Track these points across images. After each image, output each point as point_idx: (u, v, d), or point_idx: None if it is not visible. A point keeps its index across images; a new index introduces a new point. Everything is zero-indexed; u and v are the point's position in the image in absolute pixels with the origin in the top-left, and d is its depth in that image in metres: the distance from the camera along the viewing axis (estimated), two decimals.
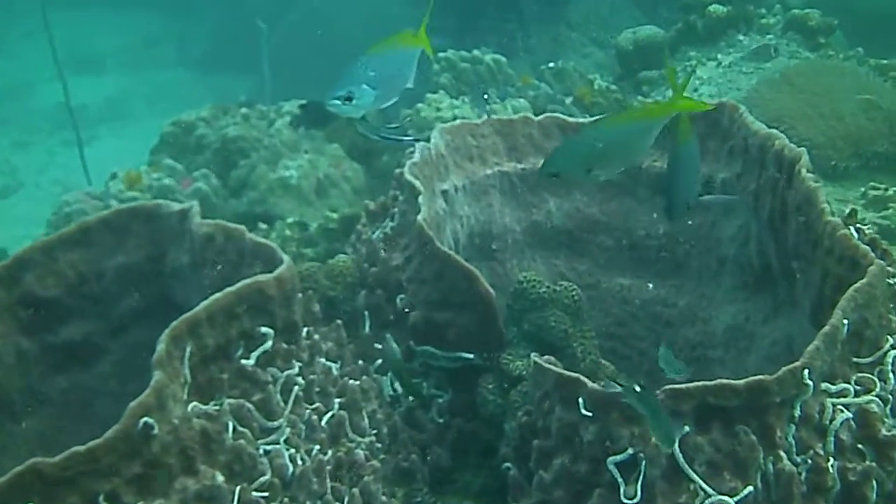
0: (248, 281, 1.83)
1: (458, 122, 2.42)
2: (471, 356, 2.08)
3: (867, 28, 4.78)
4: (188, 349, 1.73)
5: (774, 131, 2.16)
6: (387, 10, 7.78)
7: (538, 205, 2.47)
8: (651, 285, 2.42)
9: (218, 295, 1.80)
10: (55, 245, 2.08)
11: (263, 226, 3.19)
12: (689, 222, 2.34)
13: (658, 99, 4.12)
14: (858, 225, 2.08)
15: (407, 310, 2.12)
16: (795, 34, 4.34)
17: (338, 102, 2.00)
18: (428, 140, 2.35)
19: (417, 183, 2.15)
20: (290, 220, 3.17)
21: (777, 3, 4.68)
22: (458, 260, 2.03)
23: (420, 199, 2.11)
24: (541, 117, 2.48)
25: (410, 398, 2.11)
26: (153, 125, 8.78)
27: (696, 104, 2.10)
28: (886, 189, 3.26)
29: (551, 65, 4.87)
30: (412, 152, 2.29)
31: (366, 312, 2.18)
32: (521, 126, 2.47)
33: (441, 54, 4.47)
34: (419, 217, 2.06)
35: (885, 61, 4.33)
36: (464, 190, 2.37)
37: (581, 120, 2.49)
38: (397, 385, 2.13)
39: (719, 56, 4.24)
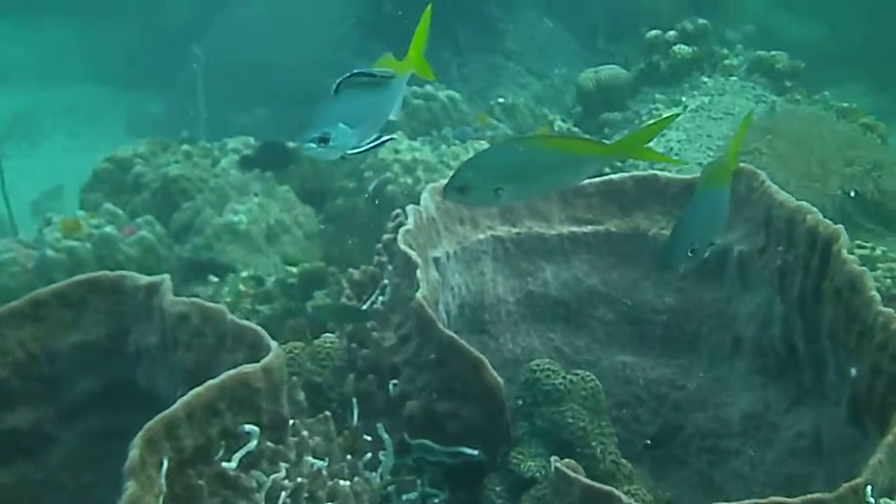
0: (232, 372, 1.61)
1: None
2: (475, 452, 1.88)
3: None
4: (165, 454, 1.51)
5: (805, 204, 1.99)
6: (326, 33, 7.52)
7: (533, 273, 2.28)
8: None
9: (199, 389, 1.58)
10: (2, 320, 1.84)
11: (214, 279, 2.96)
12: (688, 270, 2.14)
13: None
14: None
15: (402, 398, 1.91)
16: (761, 77, 4.22)
17: (313, 146, 1.79)
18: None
19: (414, 255, 1.94)
20: (244, 273, 2.95)
21: (737, 42, 4.57)
22: (464, 345, 1.83)
23: (418, 272, 1.90)
24: None
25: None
26: (64, 144, 8.45)
27: (655, 156, 1.88)
28: (873, 249, 3.13)
29: (500, 100, 4.71)
30: (403, 217, 2.09)
31: (354, 400, 1.97)
32: None
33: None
34: (418, 295, 1.86)
35: (845, 105, 4.24)
36: (455, 257, 2.17)
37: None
38: (388, 478, 1.92)
39: (684, 98, 4.09)
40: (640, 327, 2.27)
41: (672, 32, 4.29)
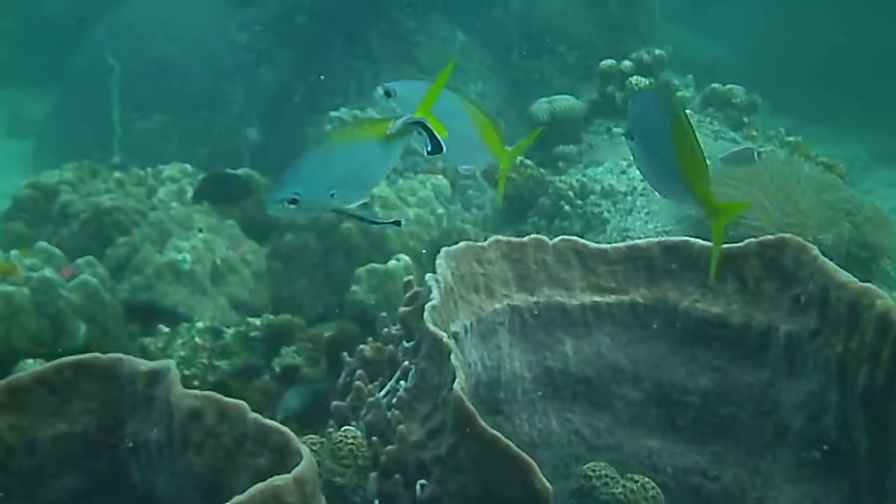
0: (262, 486, 1.36)
1: (462, 244, 1.99)
2: None
3: None
4: None
5: (871, 286, 1.81)
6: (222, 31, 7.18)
7: (552, 347, 2.06)
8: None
9: None
10: None
11: (164, 329, 2.67)
12: None
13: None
14: None
15: (431, 502, 1.67)
16: (717, 111, 4.07)
17: (280, 206, 1.70)
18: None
19: (445, 338, 1.71)
20: (199, 323, 2.66)
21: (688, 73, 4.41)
22: (509, 445, 1.60)
23: (452, 358, 1.67)
24: (556, 241, 2.08)
25: None
26: None
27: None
28: None
29: None
30: (422, 289, 1.86)
31: (376, 502, 1.72)
32: (534, 250, 2.06)
33: (333, 113, 4.01)
34: (456, 387, 1.62)
35: (791, 138, 4.13)
36: (471, 330, 1.94)
37: (603, 246, 2.09)
38: None
39: None
40: (669, 409, 2.06)
41: (627, 62, 4.10)
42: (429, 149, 1.72)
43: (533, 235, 2.08)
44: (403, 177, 3.49)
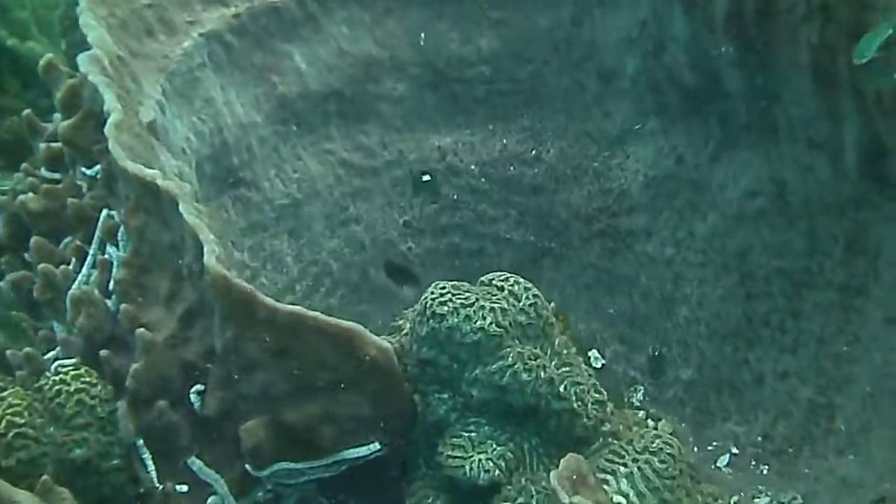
0: None
1: None
2: (367, 449, 1.10)
3: None
4: None
5: None
6: None
7: (278, 66, 1.39)
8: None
9: None
10: None
11: None
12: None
13: None
14: None
15: (223, 415, 1.07)
16: None
17: None
18: None
19: (160, 178, 1.03)
20: None
21: None
22: (318, 319, 1.00)
23: (182, 211, 1.01)
24: None
25: None
26: None
27: None
28: None
29: None
30: (93, 88, 1.13)
31: (141, 443, 1.09)
32: None
33: None
34: (208, 260, 0.98)
35: None
36: (166, 97, 1.25)
37: None
38: None
39: None
40: (451, 90, 1.47)
41: None
42: None
43: None
44: None
